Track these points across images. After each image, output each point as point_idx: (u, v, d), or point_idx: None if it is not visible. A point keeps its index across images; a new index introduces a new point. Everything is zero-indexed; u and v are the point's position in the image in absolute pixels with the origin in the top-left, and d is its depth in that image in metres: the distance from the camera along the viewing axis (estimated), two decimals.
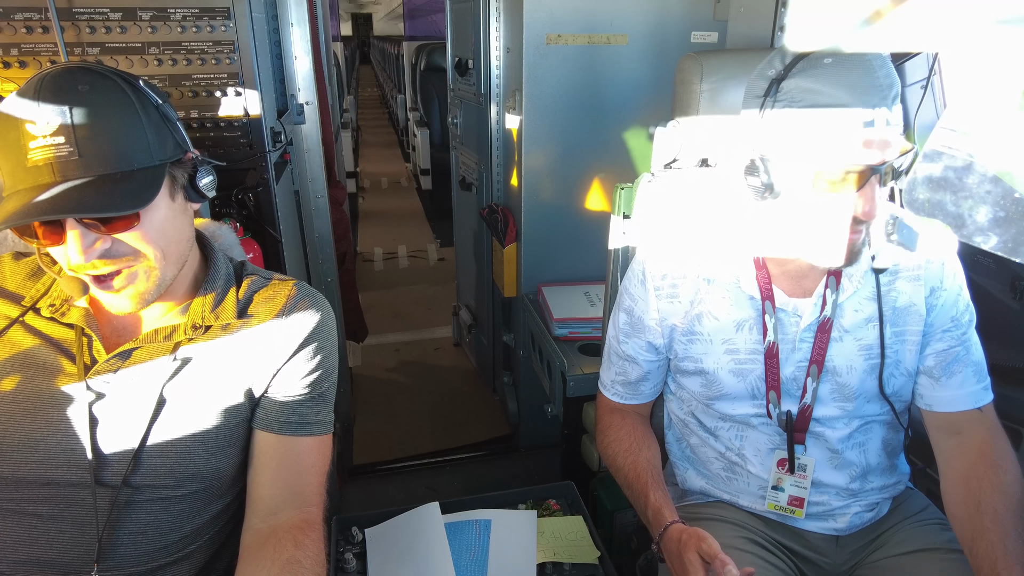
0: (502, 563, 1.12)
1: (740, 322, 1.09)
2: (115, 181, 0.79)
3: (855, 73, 0.88)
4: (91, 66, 0.83)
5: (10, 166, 0.78)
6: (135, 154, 0.82)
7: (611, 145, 2.17)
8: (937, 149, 0.66)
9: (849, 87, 0.88)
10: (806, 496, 1.11)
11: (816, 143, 0.91)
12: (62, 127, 0.77)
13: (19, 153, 0.77)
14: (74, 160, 0.77)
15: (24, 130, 0.76)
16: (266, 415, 0.96)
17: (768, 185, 0.95)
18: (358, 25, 19.19)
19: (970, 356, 1.07)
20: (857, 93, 0.88)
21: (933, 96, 1.61)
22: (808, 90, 0.90)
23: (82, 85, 0.79)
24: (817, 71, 0.90)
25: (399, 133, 8.56)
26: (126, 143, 0.81)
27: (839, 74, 0.88)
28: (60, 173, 0.77)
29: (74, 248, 0.80)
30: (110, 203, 0.79)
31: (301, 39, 1.91)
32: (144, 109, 0.83)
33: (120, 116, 0.81)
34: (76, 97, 0.78)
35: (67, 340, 0.91)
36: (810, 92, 0.90)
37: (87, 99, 0.79)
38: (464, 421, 2.78)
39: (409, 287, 4.22)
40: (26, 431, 0.87)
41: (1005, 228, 0.58)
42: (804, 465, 1.10)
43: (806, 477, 1.10)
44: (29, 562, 0.88)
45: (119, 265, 0.83)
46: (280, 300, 0.99)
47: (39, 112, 0.76)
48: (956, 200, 0.68)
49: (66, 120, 0.77)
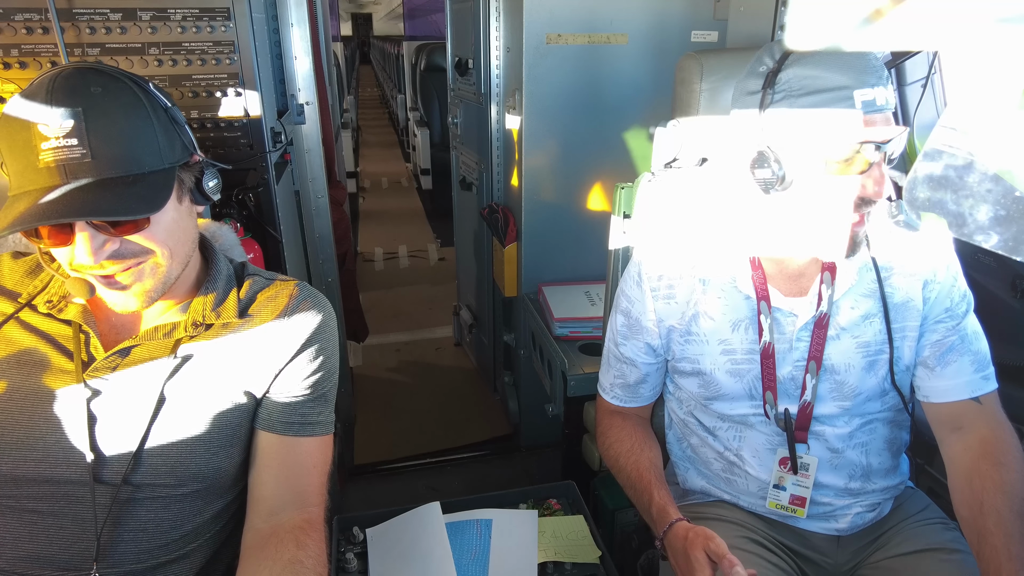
0: (503, 563, 1.12)
1: (736, 322, 1.09)
2: (127, 184, 0.79)
3: (850, 55, 0.90)
4: (101, 67, 0.83)
5: (19, 167, 0.78)
6: (146, 157, 0.82)
7: (611, 145, 2.17)
8: (937, 148, 0.66)
9: (846, 69, 0.89)
10: (808, 496, 1.11)
11: (823, 127, 0.91)
12: (75, 129, 0.76)
13: (29, 154, 0.76)
14: (87, 162, 0.77)
15: (35, 131, 0.76)
16: (268, 415, 0.96)
17: (780, 176, 0.95)
18: (358, 25, 19.18)
19: (966, 345, 1.06)
20: (855, 74, 0.89)
21: (933, 95, 1.61)
22: (807, 77, 0.91)
23: (94, 87, 0.79)
24: (812, 58, 0.91)
25: (399, 133, 8.56)
26: (138, 145, 0.81)
27: (834, 58, 0.90)
28: (72, 175, 0.77)
29: (83, 249, 0.80)
30: (123, 206, 0.79)
31: (301, 39, 1.91)
32: (155, 112, 0.84)
33: (132, 118, 0.81)
34: (89, 99, 0.78)
35: (65, 337, 0.91)
36: (809, 79, 0.91)
37: (100, 101, 0.79)
38: (465, 421, 2.78)
39: (410, 287, 4.22)
40: (24, 428, 0.87)
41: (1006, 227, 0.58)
42: (807, 464, 1.10)
43: (809, 476, 1.10)
44: (29, 558, 0.88)
45: (127, 265, 0.84)
46: (282, 300, 0.99)
47: (51, 113, 0.76)
48: (956, 199, 0.68)
49: (79, 122, 0.77)
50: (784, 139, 0.94)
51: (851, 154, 0.91)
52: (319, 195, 2.10)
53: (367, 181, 7.06)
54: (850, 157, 0.91)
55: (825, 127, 0.91)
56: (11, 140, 0.78)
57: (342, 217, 2.44)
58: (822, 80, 0.90)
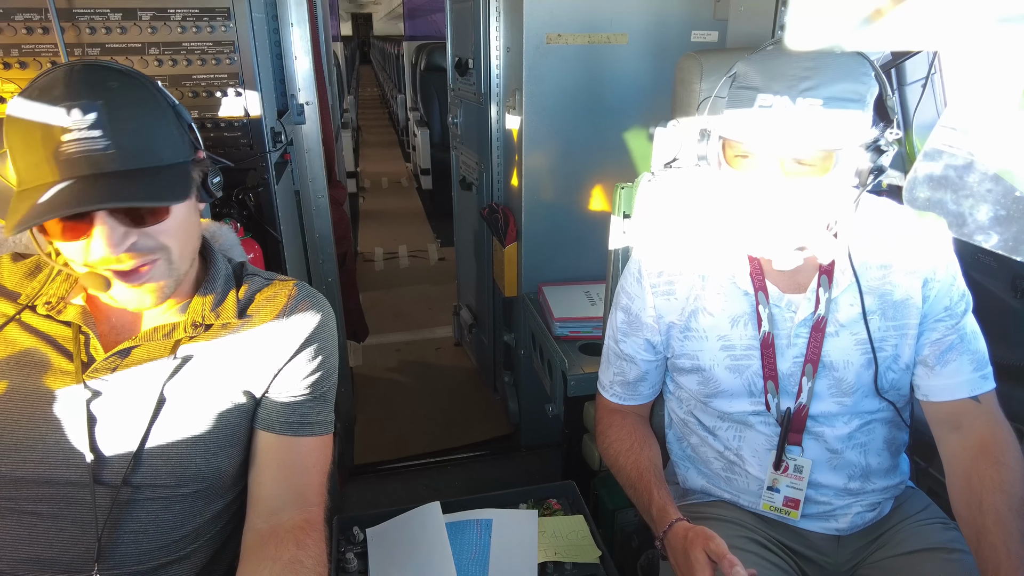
0: (503, 563, 1.12)
1: (735, 318, 1.10)
2: (150, 175, 0.80)
3: (775, 61, 0.94)
4: (111, 64, 0.83)
5: (35, 159, 0.77)
6: (164, 150, 0.83)
7: (611, 145, 2.17)
8: (937, 148, 0.66)
9: (763, 72, 0.94)
10: (801, 498, 1.11)
11: (727, 117, 0.99)
12: (97, 120, 0.77)
13: (49, 146, 0.76)
14: (110, 153, 0.77)
15: (55, 123, 0.76)
16: (267, 415, 0.96)
17: (702, 156, 1.07)
18: (358, 25, 19.18)
19: (966, 344, 1.06)
20: (766, 78, 0.93)
21: (933, 94, 1.61)
22: (745, 73, 0.97)
23: (112, 81, 0.79)
24: (755, 57, 0.98)
25: (399, 133, 8.56)
26: (157, 139, 0.82)
27: (763, 60, 0.96)
28: (95, 165, 0.77)
29: (102, 242, 0.79)
30: (153, 193, 0.79)
31: (301, 39, 1.91)
32: (167, 108, 0.85)
33: (150, 112, 0.82)
34: (108, 92, 0.78)
35: (64, 338, 0.91)
36: (741, 75, 0.98)
37: (119, 94, 0.79)
38: (465, 421, 2.78)
39: (410, 287, 4.22)
40: (23, 429, 0.87)
41: (1006, 227, 0.59)
42: (800, 467, 1.10)
43: (802, 479, 1.10)
44: (29, 560, 0.88)
45: (144, 259, 0.84)
46: (281, 300, 0.99)
47: (73, 106, 0.76)
48: (957, 199, 0.68)
49: (101, 114, 0.77)
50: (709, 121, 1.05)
51: (742, 150, 0.97)
52: (319, 195, 2.10)
53: (367, 181, 7.06)
54: (742, 152, 0.98)
55: (727, 118, 0.98)
56: (26, 134, 0.77)
57: (342, 217, 2.43)
58: (743, 78, 0.97)
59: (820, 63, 0.92)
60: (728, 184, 1.02)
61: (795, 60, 0.92)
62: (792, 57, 0.93)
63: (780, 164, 0.95)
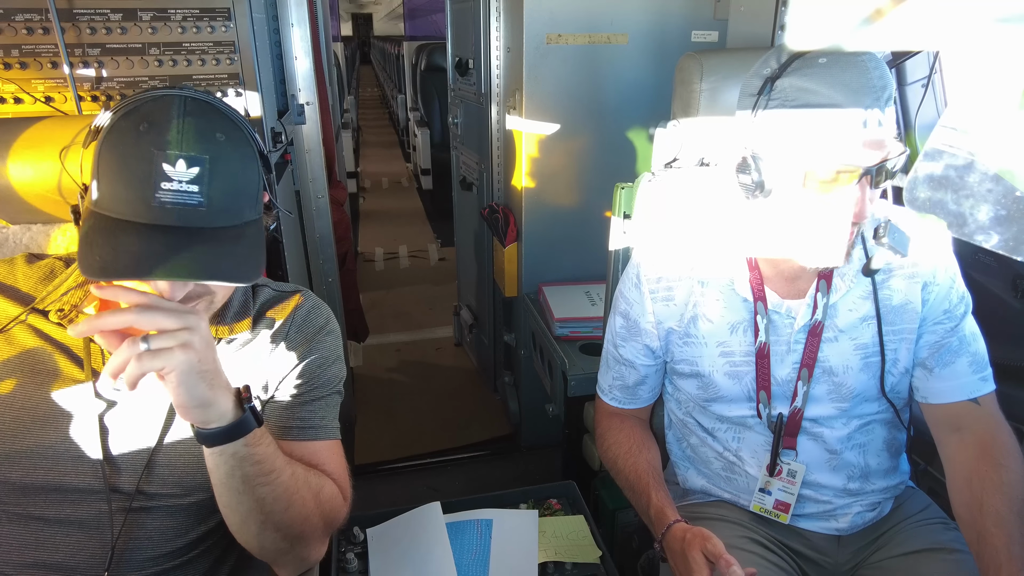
0: (504, 563, 1.12)
1: (734, 324, 1.09)
2: (233, 239, 0.79)
3: (849, 73, 0.88)
4: (219, 104, 0.81)
5: (127, 195, 0.75)
6: (247, 209, 0.82)
7: (611, 145, 2.17)
8: (937, 148, 0.66)
9: (843, 87, 0.87)
10: (792, 501, 1.11)
11: (808, 143, 0.90)
12: (198, 176, 0.75)
13: (146, 188, 0.74)
14: (201, 211, 0.76)
15: (159, 168, 0.74)
16: (272, 422, 0.97)
17: (759, 183, 0.95)
18: (358, 25, 19.17)
19: (965, 347, 1.06)
20: (851, 93, 0.87)
21: (934, 94, 1.61)
22: (802, 89, 0.89)
23: (220, 133, 0.78)
24: (812, 71, 0.89)
25: (399, 133, 8.55)
26: (245, 198, 0.81)
27: (833, 74, 0.88)
28: (184, 219, 0.76)
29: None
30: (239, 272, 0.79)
31: (301, 39, 1.91)
32: (259, 160, 0.84)
33: (246, 171, 0.81)
34: (215, 147, 0.77)
35: (76, 346, 0.92)
36: (804, 91, 0.89)
37: (224, 150, 0.78)
38: (465, 421, 2.78)
39: (410, 287, 4.22)
40: (34, 437, 0.87)
41: (1006, 227, 0.58)
42: (794, 472, 1.10)
43: (795, 483, 1.10)
44: (36, 566, 0.88)
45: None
46: (286, 310, 1.00)
47: (180, 157, 0.75)
48: (957, 199, 0.68)
49: (203, 169, 0.75)
50: (769, 147, 0.93)
51: (832, 174, 0.89)
52: (319, 195, 2.10)
53: (367, 181, 7.06)
54: (831, 177, 0.89)
55: (811, 143, 0.90)
56: (128, 168, 0.75)
57: (342, 217, 2.44)
58: (817, 95, 0.88)
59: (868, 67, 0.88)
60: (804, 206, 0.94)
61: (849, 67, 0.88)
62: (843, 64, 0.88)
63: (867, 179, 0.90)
